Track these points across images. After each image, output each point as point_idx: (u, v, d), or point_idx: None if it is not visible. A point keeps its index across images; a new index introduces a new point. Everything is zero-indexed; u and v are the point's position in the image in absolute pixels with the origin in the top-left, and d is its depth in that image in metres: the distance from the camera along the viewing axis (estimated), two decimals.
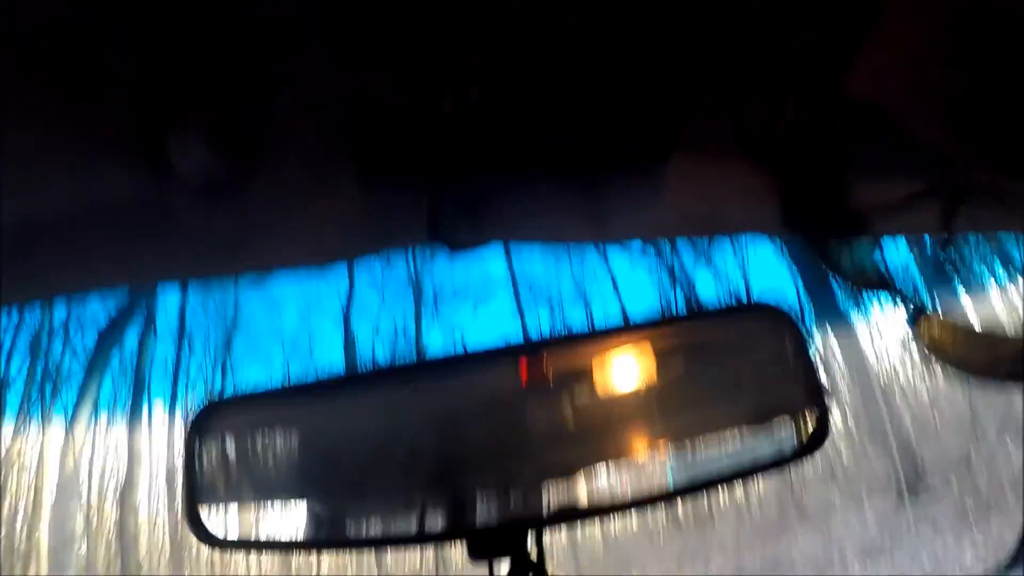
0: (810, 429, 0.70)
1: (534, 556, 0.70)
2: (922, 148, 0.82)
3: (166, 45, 0.72)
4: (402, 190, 0.82)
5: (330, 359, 7.75)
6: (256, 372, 7.86)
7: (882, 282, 0.89)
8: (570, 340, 0.79)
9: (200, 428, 0.74)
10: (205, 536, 0.73)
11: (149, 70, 0.73)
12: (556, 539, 7.00)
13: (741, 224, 0.98)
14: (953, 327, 0.83)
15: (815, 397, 0.71)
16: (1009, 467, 5.80)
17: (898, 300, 0.89)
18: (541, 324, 7.88)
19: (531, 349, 0.77)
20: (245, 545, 0.78)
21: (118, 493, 7.26)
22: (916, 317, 0.85)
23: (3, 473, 6.59)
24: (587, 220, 0.90)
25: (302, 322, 7.92)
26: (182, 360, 7.61)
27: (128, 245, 0.92)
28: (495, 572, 0.69)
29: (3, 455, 6.74)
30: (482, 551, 0.69)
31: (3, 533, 6.36)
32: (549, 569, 0.70)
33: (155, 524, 7.30)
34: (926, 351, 0.85)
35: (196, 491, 0.74)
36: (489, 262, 7.71)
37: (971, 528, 5.41)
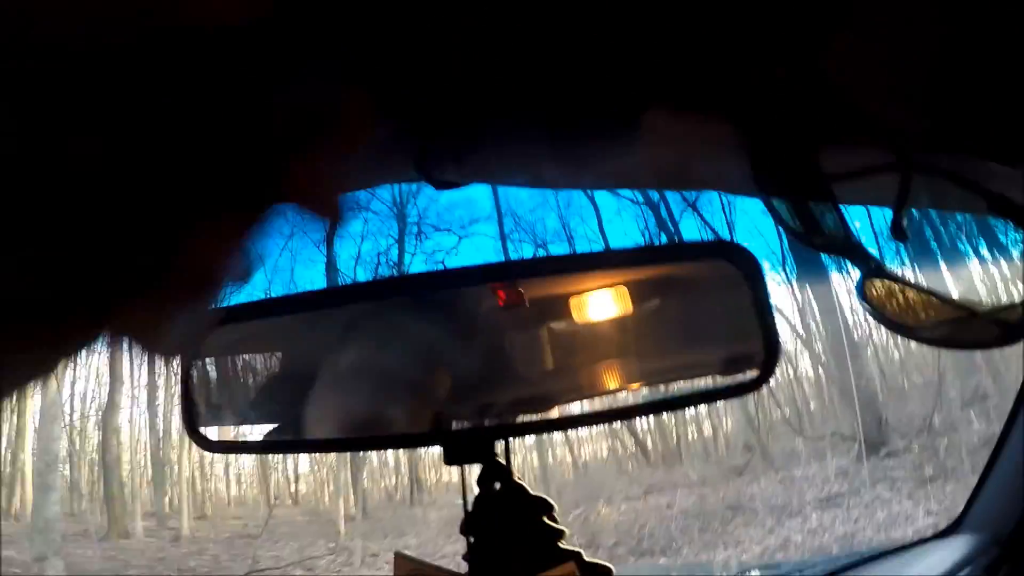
0: (759, 366, 0.76)
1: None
2: (886, 126, 0.85)
3: None
4: (393, 130, 0.85)
5: (311, 281, 7.68)
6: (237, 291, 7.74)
7: (840, 246, 0.94)
8: (548, 263, 0.83)
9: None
10: (200, 440, 0.79)
11: None
12: (528, 466, 7.27)
13: (710, 179, 1.02)
14: (895, 289, 0.89)
15: (769, 337, 0.77)
16: (969, 436, 6.04)
17: (854, 263, 0.94)
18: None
19: (509, 271, 0.82)
20: (237, 447, 0.83)
21: (100, 416, 7.34)
22: (864, 278, 0.91)
23: None
24: (563, 167, 0.94)
25: (284, 244, 7.76)
26: None
27: None
28: (466, 476, 0.75)
29: None
30: (456, 456, 0.75)
31: None
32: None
33: (136, 444, 7.42)
34: (869, 310, 0.91)
35: (192, 397, 0.78)
36: (475, 196, 7.67)
37: (926, 490, 5.66)
